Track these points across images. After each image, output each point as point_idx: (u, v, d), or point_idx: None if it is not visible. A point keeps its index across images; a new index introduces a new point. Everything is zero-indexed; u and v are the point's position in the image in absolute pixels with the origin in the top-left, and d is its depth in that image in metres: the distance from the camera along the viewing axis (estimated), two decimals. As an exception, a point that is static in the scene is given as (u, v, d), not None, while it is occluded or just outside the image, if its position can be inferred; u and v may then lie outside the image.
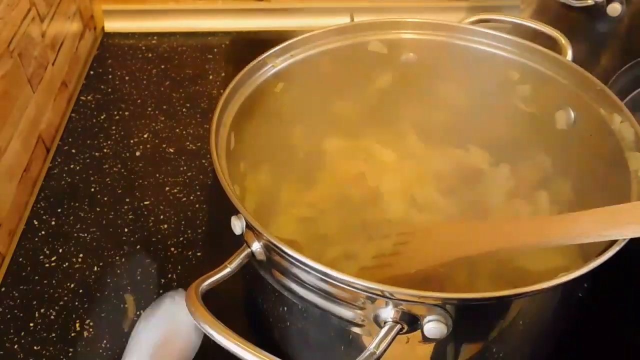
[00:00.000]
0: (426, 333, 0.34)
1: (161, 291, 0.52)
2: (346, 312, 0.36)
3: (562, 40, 0.51)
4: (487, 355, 0.41)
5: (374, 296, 0.34)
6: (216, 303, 0.36)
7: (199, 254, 0.55)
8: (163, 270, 0.54)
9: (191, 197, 0.61)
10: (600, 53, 0.65)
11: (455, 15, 0.69)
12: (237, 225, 0.38)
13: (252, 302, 0.48)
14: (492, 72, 0.52)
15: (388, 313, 0.34)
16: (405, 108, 0.56)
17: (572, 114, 0.48)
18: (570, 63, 0.48)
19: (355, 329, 0.37)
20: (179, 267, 0.54)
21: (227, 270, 0.36)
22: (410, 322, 0.34)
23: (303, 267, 0.35)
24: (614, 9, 0.60)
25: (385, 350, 0.32)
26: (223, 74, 0.77)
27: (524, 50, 0.51)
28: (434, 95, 0.55)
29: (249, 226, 0.37)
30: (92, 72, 0.77)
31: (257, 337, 0.44)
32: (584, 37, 0.56)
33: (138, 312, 0.50)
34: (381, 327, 0.34)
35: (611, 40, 0.64)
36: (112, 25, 0.85)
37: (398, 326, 0.33)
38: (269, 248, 0.36)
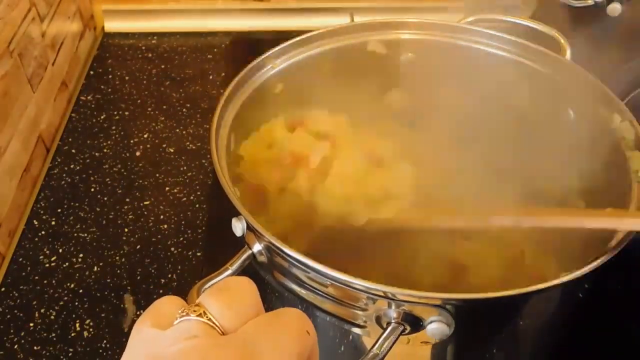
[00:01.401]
0: (429, 334, 0.34)
1: (161, 291, 0.52)
2: (348, 313, 0.36)
3: (561, 40, 0.51)
4: (488, 355, 0.41)
5: (376, 297, 0.34)
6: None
7: (199, 254, 0.55)
8: (163, 270, 0.54)
9: (191, 197, 0.61)
10: (600, 53, 0.65)
11: (455, 15, 0.69)
12: (238, 227, 0.37)
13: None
14: (492, 72, 0.52)
15: (390, 314, 0.34)
16: (405, 108, 0.56)
17: (572, 114, 0.48)
18: (571, 63, 0.48)
19: (357, 330, 0.37)
20: (179, 267, 0.54)
21: (228, 272, 0.36)
22: (413, 323, 0.34)
23: (304, 268, 0.35)
24: (614, 9, 0.60)
25: (388, 351, 0.32)
26: (223, 74, 0.77)
27: (524, 50, 0.51)
28: (434, 96, 0.55)
29: (250, 228, 0.37)
30: (92, 72, 0.77)
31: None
32: (584, 37, 0.56)
33: (138, 312, 0.50)
34: (383, 328, 0.34)
35: (611, 40, 0.64)
36: (112, 25, 0.85)
37: (401, 327, 0.33)
38: (270, 249, 0.36)
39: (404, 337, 0.34)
